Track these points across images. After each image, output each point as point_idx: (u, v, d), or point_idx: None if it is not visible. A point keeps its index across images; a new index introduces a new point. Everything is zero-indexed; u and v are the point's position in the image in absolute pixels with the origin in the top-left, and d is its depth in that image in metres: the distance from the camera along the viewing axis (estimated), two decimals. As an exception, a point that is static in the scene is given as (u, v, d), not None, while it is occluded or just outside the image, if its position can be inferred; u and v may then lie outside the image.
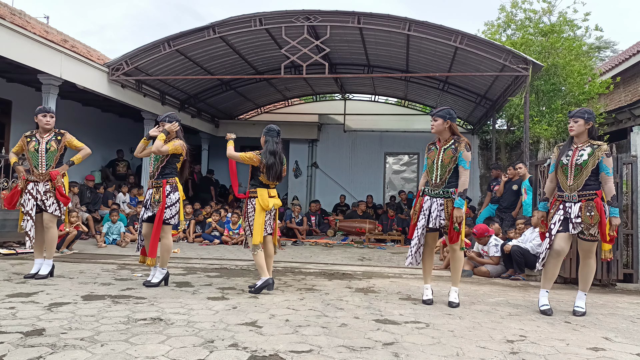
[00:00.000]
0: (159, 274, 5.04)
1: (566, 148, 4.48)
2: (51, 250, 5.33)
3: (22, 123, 10.34)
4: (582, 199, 4.32)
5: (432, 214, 4.55)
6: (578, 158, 4.35)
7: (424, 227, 4.59)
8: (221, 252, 8.24)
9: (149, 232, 5.08)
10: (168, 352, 2.89)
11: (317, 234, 12.05)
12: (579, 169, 4.33)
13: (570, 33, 11.26)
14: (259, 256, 4.86)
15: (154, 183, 5.08)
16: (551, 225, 4.44)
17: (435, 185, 4.60)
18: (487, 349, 3.19)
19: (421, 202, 4.66)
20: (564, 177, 4.42)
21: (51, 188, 5.26)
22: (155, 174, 5.10)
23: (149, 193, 5.11)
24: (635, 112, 10.85)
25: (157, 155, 5.08)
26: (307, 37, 9.35)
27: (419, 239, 4.61)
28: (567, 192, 4.39)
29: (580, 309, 4.38)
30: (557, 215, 4.41)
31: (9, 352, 2.81)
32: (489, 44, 8.99)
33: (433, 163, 4.64)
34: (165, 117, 5.25)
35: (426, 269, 4.75)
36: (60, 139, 5.34)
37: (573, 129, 4.42)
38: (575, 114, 4.42)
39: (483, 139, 15.20)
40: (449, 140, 4.63)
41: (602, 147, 4.33)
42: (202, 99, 13.74)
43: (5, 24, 7.49)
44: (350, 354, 2.98)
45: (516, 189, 8.73)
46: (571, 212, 4.35)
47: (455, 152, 4.55)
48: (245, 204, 5.05)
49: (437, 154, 4.63)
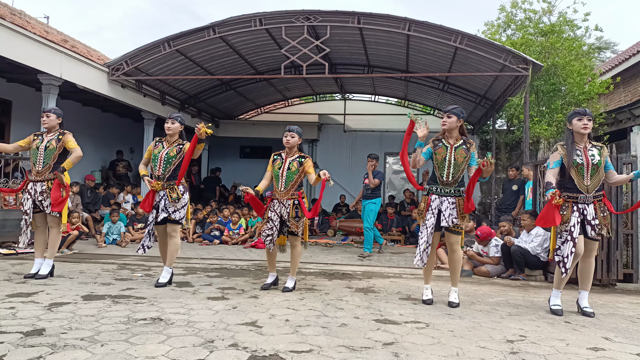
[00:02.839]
0: (166, 273, 5.11)
1: (572, 148, 4.38)
2: (53, 250, 5.34)
3: (22, 123, 10.34)
4: (595, 200, 4.36)
5: (444, 212, 4.50)
6: (592, 158, 4.33)
7: (433, 225, 4.54)
8: (221, 252, 8.24)
9: (165, 234, 5.14)
10: (168, 352, 2.89)
11: (317, 234, 12.06)
12: (595, 169, 4.32)
13: (570, 33, 11.27)
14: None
15: (166, 185, 5.10)
16: (570, 228, 4.31)
17: (447, 183, 4.56)
18: (487, 349, 3.19)
19: (428, 202, 4.60)
20: (580, 177, 4.33)
21: (47, 189, 5.25)
22: (166, 176, 5.11)
23: (160, 195, 5.10)
24: (635, 112, 10.85)
25: (168, 159, 5.10)
26: (307, 37, 9.35)
27: (427, 238, 4.54)
28: (584, 192, 4.33)
29: (589, 309, 4.37)
30: (574, 218, 4.32)
31: (9, 352, 2.81)
32: (489, 44, 8.99)
33: (444, 160, 4.56)
34: (177, 117, 5.28)
35: (427, 270, 4.73)
36: (61, 138, 5.35)
37: (588, 127, 4.36)
38: (589, 114, 4.41)
39: (483, 139, 15.19)
40: (458, 139, 4.62)
41: (604, 148, 4.44)
42: (202, 99, 13.74)
43: (5, 24, 7.49)
44: (350, 354, 2.98)
45: (516, 189, 8.75)
46: (587, 214, 4.33)
47: (468, 152, 4.56)
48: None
49: (448, 151, 4.58)
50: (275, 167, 5.05)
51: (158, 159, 5.13)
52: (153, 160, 5.18)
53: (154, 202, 5.14)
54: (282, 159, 5.06)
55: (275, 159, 5.11)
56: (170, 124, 5.22)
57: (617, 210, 5.82)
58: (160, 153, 5.15)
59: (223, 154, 16.94)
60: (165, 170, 5.10)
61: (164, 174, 5.10)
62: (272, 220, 4.98)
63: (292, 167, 4.99)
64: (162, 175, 5.11)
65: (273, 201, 5.04)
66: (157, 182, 5.07)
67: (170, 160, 5.12)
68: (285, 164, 5.01)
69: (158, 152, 5.17)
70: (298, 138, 5.09)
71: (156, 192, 5.12)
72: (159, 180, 5.10)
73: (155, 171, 5.15)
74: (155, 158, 5.16)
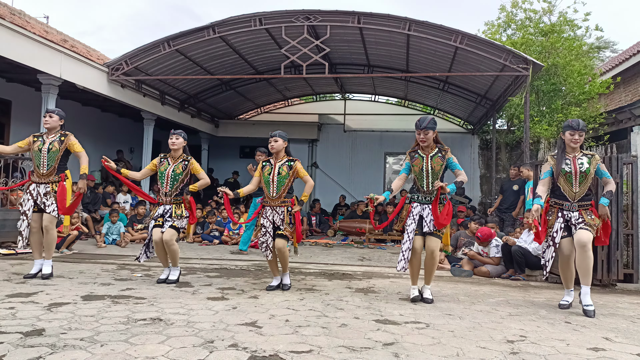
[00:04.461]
0: (175, 271, 5.30)
1: (562, 157, 4.60)
2: (50, 251, 5.32)
3: (22, 123, 10.34)
4: (580, 209, 4.52)
5: (426, 218, 4.65)
6: (580, 166, 4.51)
7: (414, 231, 4.67)
8: (221, 252, 8.23)
9: (161, 240, 5.22)
10: (168, 352, 2.89)
11: (317, 234, 12.05)
12: (583, 176, 4.51)
13: (570, 33, 11.25)
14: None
15: (173, 200, 5.26)
16: (553, 233, 4.57)
17: (428, 192, 4.70)
18: (487, 349, 3.19)
19: (409, 209, 4.76)
20: (569, 184, 4.55)
21: (51, 191, 5.26)
22: (174, 193, 5.26)
23: (165, 209, 5.26)
24: (635, 112, 10.83)
25: (175, 176, 5.25)
26: (307, 37, 9.34)
27: (410, 243, 4.66)
28: (570, 199, 4.53)
29: (591, 307, 4.34)
30: (558, 223, 4.56)
31: (9, 352, 2.81)
32: (489, 44, 8.99)
33: (422, 171, 4.71)
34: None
35: (414, 271, 4.81)
36: (63, 139, 5.33)
37: (578, 142, 4.56)
38: (582, 128, 4.57)
39: (483, 139, 15.20)
40: (433, 148, 4.75)
41: (595, 156, 4.59)
42: (202, 99, 13.74)
43: (5, 24, 7.49)
44: (350, 354, 2.98)
45: (517, 189, 8.74)
46: (571, 218, 4.53)
47: (443, 159, 4.69)
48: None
49: (424, 161, 4.70)
50: (265, 174, 5.07)
51: (165, 176, 5.27)
52: (160, 177, 5.32)
53: (157, 214, 5.29)
54: (272, 165, 5.08)
55: (264, 165, 5.13)
56: (174, 139, 5.33)
57: (617, 211, 5.84)
58: (166, 170, 5.28)
59: (223, 154, 16.93)
60: (172, 188, 5.27)
61: (172, 190, 5.27)
62: (264, 227, 5.03)
63: (282, 171, 5.01)
64: (169, 192, 5.26)
65: (265, 208, 5.07)
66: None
67: (177, 177, 5.27)
68: (275, 169, 5.03)
69: (164, 169, 5.30)
70: (282, 142, 5.10)
71: (161, 205, 5.31)
72: (166, 197, 5.27)
73: (162, 188, 5.30)
74: (162, 175, 5.29)
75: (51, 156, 5.25)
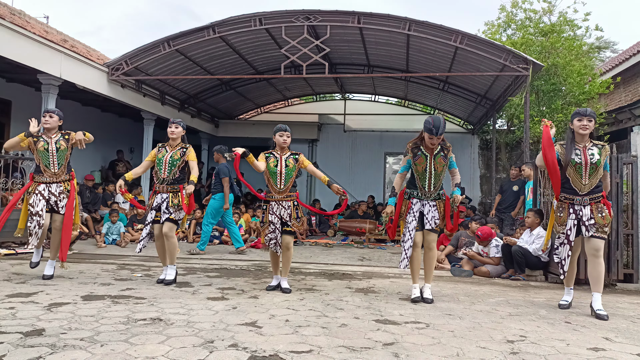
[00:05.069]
0: (172, 270, 5.25)
1: (571, 147, 4.45)
2: (56, 251, 5.35)
3: (22, 123, 10.31)
4: (592, 202, 4.41)
5: (427, 215, 4.65)
6: (591, 157, 4.38)
7: (415, 228, 4.66)
8: (221, 252, 8.23)
9: (161, 234, 5.24)
10: (168, 353, 2.89)
11: (317, 234, 12.05)
12: (593, 168, 4.37)
13: (570, 33, 11.26)
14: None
15: (170, 188, 5.26)
16: (567, 231, 4.48)
17: (429, 192, 4.69)
18: (487, 349, 3.19)
19: (408, 205, 4.74)
20: (578, 176, 4.41)
21: (65, 190, 5.31)
22: (171, 179, 5.27)
23: (162, 197, 5.25)
24: (635, 112, 10.84)
25: (173, 161, 5.27)
26: (307, 37, 9.34)
27: (411, 240, 4.67)
28: (580, 191, 4.41)
29: (603, 311, 4.28)
30: (571, 221, 4.46)
31: (9, 352, 2.81)
32: (489, 44, 8.99)
33: (425, 171, 4.66)
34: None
35: (415, 269, 4.80)
36: (67, 137, 5.39)
37: (587, 128, 4.41)
38: (591, 114, 4.44)
39: (483, 139, 15.19)
40: (436, 146, 4.69)
41: (606, 147, 4.47)
42: (202, 99, 13.73)
43: (5, 24, 7.48)
44: (350, 354, 2.98)
45: (517, 189, 8.73)
46: (582, 215, 4.40)
47: (446, 159, 4.68)
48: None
49: (427, 161, 4.65)
50: (271, 165, 5.02)
51: (163, 162, 5.30)
52: (158, 164, 5.33)
53: (155, 204, 5.28)
54: (277, 157, 5.06)
55: (268, 156, 5.10)
56: (174, 127, 5.41)
57: (617, 211, 5.83)
58: (164, 157, 5.32)
59: (222, 153, 16.90)
60: (170, 173, 5.28)
61: (169, 176, 5.27)
62: (273, 224, 5.01)
63: (289, 164, 5.05)
64: (167, 179, 5.27)
65: (271, 204, 5.05)
66: (127, 194, 5.39)
67: (174, 163, 5.29)
68: (281, 162, 5.03)
69: (162, 155, 5.34)
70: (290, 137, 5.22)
71: (158, 193, 5.30)
72: (163, 184, 5.26)
73: (160, 174, 5.30)
74: (160, 162, 5.32)
75: (60, 155, 5.32)
